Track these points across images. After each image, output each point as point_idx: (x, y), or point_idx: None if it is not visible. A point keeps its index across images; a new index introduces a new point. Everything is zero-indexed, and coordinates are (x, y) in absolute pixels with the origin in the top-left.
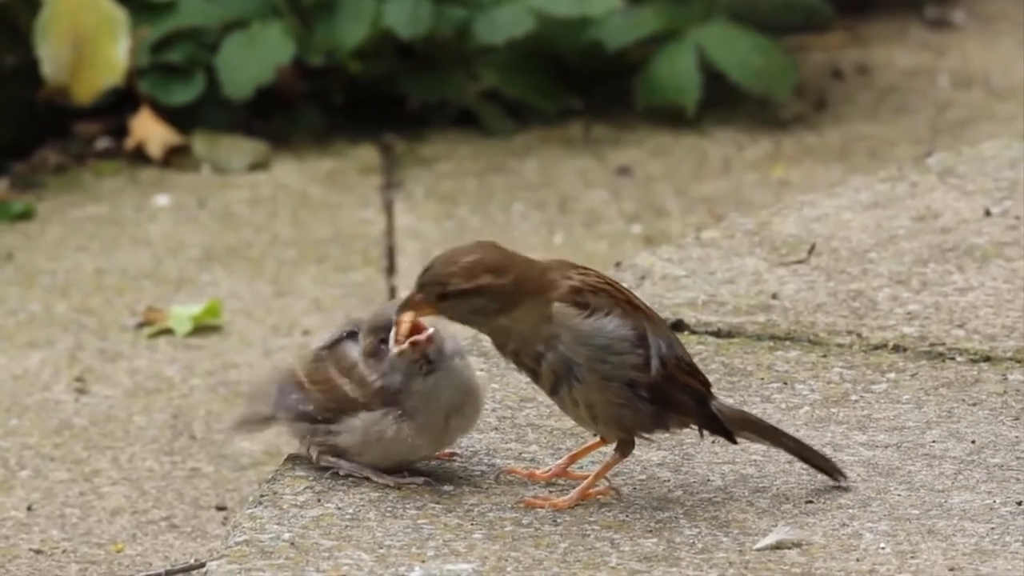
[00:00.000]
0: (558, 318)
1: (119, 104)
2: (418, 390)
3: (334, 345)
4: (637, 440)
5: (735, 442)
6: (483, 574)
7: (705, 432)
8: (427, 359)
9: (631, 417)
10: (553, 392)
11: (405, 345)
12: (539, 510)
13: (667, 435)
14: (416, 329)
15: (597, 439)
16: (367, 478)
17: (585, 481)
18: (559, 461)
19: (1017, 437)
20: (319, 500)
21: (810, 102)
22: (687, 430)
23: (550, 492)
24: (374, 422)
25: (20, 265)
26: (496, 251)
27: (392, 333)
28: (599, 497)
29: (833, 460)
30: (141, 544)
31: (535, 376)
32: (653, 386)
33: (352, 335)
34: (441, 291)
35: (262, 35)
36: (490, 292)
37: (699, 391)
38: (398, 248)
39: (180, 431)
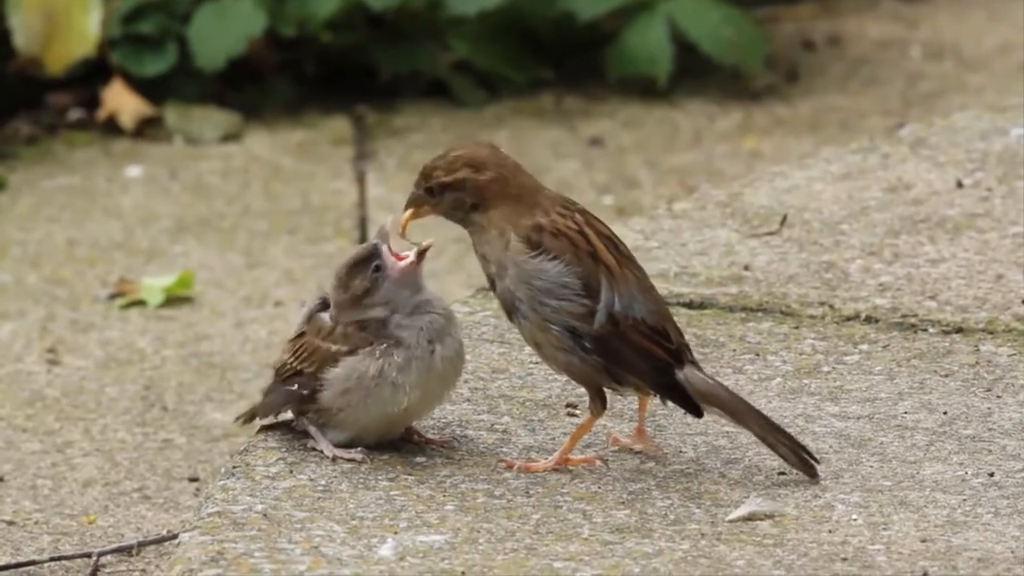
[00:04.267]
0: (510, 251)
1: (91, 75)
2: (406, 321)
3: (311, 319)
4: (609, 399)
5: (700, 415)
6: (455, 545)
7: (669, 402)
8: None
9: (577, 365)
10: (509, 318)
11: (412, 257)
12: (511, 481)
13: (629, 394)
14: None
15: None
16: (322, 452)
17: (563, 446)
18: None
19: (989, 408)
20: (291, 472)
21: (781, 73)
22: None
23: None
24: (357, 363)
25: None
26: (486, 150)
27: (387, 252)
28: (581, 465)
29: (806, 451)
30: (113, 515)
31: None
32: (598, 338)
33: (326, 305)
34: (427, 184)
35: (234, 6)
36: (467, 187)
37: (659, 358)
38: (370, 219)
39: (152, 402)
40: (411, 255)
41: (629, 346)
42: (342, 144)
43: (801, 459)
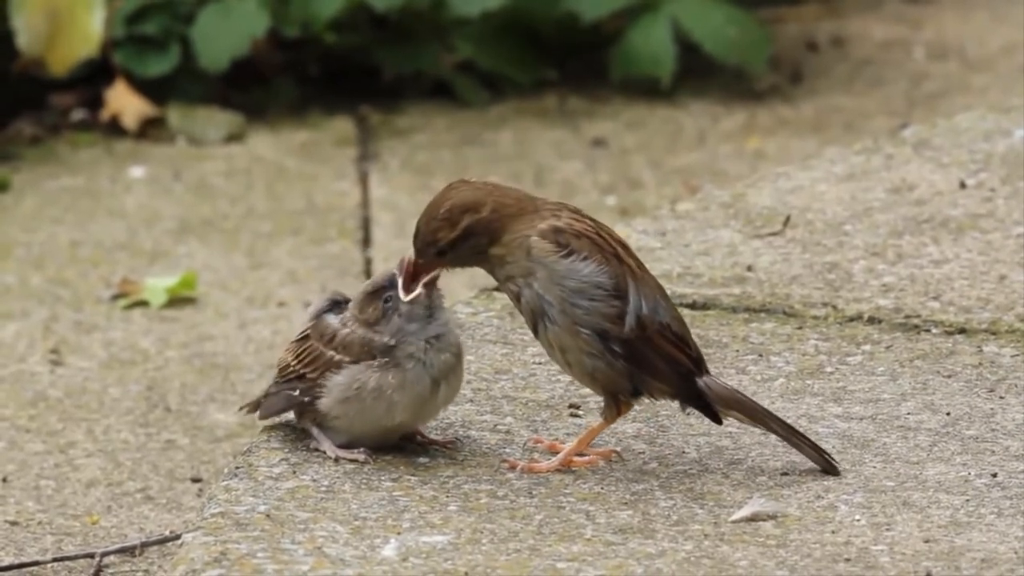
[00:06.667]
0: (535, 253)
1: (94, 76)
2: (418, 345)
3: (317, 320)
4: (623, 407)
5: (720, 422)
6: (458, 546)
7: (688, 408)
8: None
9: (603, 370)
10: (534, 331)
11: (420, 289)
12: (514, 482)
13: (649, 401)
14: (416, 277)
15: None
16: (325, 452)
17: (567, 447)
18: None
19: (992, 409)
20: (294, 472)
21: (785, 74)
22: (670, 401)
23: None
24: (358, 372)
25: None
26: (467, 188)
27: (400, 284)
28: (585, 467)
29: (825, 451)
30: (116, 516)
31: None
32: (627, 343)
33: (334, 305)
34: (435, 249)
35: (237, 7)
36: (476, 229)
37: (682, 364)
38: (373, 220)
39: (155, 403)
40: (418, 287)
41: (656, 352)
42: (345, 145)
43: (823, 457)
